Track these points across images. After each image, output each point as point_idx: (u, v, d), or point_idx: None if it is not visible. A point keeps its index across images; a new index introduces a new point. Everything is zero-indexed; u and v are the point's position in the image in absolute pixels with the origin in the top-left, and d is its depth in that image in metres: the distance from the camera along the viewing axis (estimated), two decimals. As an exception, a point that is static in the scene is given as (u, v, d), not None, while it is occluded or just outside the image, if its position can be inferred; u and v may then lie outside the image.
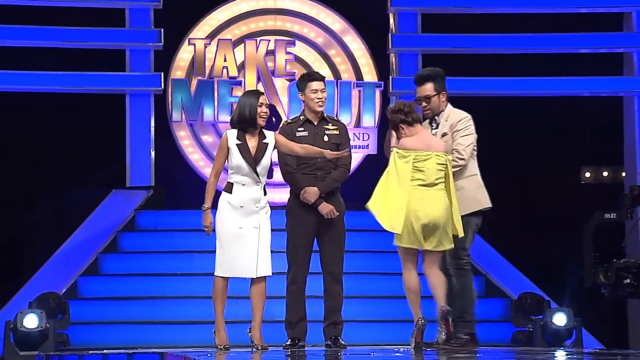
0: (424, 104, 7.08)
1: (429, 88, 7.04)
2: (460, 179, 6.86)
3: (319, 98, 7.29)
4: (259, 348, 6.95)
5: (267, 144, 7.01)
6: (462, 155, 6.84)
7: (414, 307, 6.82)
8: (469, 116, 7.00)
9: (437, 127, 7.01)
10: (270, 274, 6.96)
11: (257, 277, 6.91)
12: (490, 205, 6.96)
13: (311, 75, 7.41)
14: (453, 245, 6.77)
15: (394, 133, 6.94)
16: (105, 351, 7.45)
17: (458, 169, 6.84)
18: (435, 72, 7.05)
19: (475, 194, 6.90)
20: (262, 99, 6.99)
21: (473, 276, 7.04)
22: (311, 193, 7.15)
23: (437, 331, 6.82)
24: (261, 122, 6.97)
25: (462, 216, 6.81)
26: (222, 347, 6.94)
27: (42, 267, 10.75)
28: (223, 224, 6.85)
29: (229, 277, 6.93)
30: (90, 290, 10.33)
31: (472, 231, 6.94)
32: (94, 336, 9.66)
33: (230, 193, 6.93)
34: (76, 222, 11.39)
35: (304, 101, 7.35)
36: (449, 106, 7.06)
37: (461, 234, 6.78)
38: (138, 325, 9.75)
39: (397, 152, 6.79)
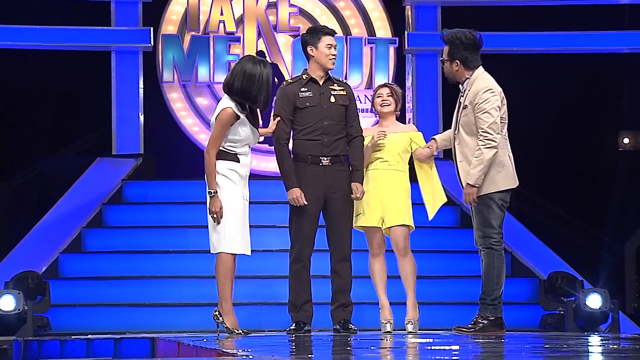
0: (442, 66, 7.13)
1: (445, 51, 7.06)
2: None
3: (333, 54, 7.27)
4: (242, 332, 6.92)
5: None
6: (489, 134, 6.85)
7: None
8: (490, 87, 6.92)
9: (463, 95, 7.01)
10: None
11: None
12: (504, 188, 6.95)
13: (324, 29, 7.35)
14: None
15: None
16: (89, 336, 7.43)
17: (492, 150, 6.86)
18: (454, 37, 6.98)
19: (494, 175, 6.92)
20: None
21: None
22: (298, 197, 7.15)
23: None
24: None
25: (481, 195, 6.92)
26: (242, 331, 6.88)
27: (20, 244, 10.75)
28: (235, 195, 6.80)
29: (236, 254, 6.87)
30: (73, 269, 10.33)
31: (497, 207, 6.94)
32: (77, 320, 9.67)
33: (238, 162, 6.87)
34: (57, 194, 11.38)
35: (312, 56, 7.27)
36: (477, 72, 7.00)
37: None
38: (126, 307, 9.75)
39: None
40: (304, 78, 7.32)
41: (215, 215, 6.78)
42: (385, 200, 7.34)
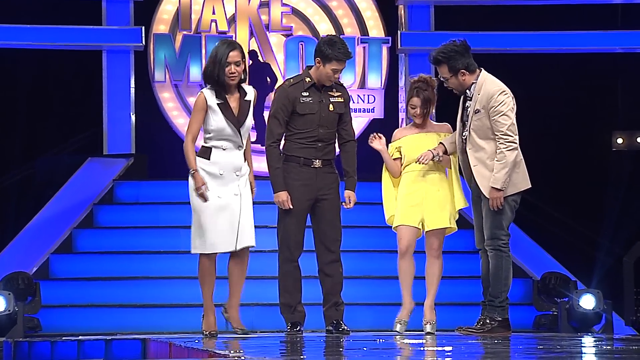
0: (445, 84, 7.13)
1: (443, 71, 7.06)
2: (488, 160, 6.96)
3: (335, 77, 7.22)
4: (239, 332, 6.90)
5: (250, 101, 6.81)
6: (510, 136, 6.88)
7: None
8: (503, 89, 6.96)
9: (470, 99, 7.02)
10: (254, 245, 6.88)
11: (238, 250, 6.81)
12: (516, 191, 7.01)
13: (341, 54, 7.08)
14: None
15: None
16: (80, 337, 7.42)
17: (514, 152, 6.91)
18: (447, 53, 6.98)
19: (513, 177, 6.99)
20: (233, 55, 6.62)
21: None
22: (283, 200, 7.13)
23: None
24: (230, 82, 6.67)
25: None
26: (208, 333, 6.90)
27: (10, 244, 10.73)
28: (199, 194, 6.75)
29: (215, 255, 6.86)
30: (64, 270, 10.30)
31: (509, 209, 6.98)
32: (67, 321, 9.65)
33: (208, 159, 6.74)
34: (48, 194, 11.35)
35: (316, 67, 7.19)
36: (482, 75, 7.02)
37: None
38: (117, 308, 9.74)
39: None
40: (307, 81, 7.22)
41: (201, 192, 6.68)
42: (425, 203, 7.34)
